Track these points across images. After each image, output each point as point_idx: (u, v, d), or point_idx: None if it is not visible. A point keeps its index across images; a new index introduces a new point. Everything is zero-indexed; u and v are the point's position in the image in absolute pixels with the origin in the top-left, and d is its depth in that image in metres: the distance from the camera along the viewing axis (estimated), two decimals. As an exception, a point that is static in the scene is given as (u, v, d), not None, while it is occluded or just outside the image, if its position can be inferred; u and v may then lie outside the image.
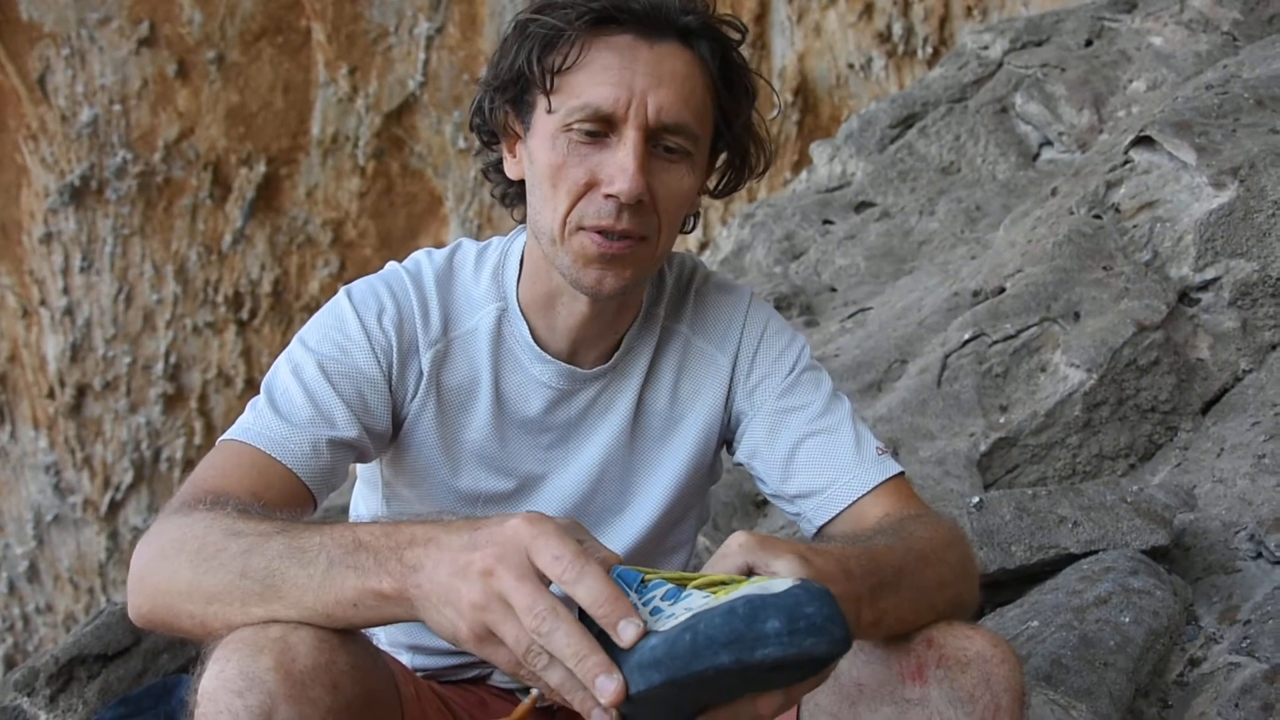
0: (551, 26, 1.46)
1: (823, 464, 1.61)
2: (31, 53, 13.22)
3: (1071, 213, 3.96)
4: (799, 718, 1.42)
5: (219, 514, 1.28)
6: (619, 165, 1.44)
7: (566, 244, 1.49)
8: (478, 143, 1.69)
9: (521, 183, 1.61)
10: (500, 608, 1.06)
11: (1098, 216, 3.87)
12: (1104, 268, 3.64)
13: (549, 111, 1.48)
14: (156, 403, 14.31)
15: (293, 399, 1.50)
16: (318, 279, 14.56)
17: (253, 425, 1.48)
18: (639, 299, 1.68)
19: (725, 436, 1.75)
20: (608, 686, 1.03)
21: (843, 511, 1.59)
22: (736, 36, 1.55)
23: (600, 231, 1.47)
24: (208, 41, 13.47)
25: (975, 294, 3.87)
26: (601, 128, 1.46)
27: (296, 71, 13.87)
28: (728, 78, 1.54)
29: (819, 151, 6.60)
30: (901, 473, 1.62)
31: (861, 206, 5.91)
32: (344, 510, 2.23)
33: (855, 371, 3.78)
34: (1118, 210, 3.84)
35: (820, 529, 1.62)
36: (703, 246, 10.17)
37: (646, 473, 1.71)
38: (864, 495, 1.58)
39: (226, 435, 1.49)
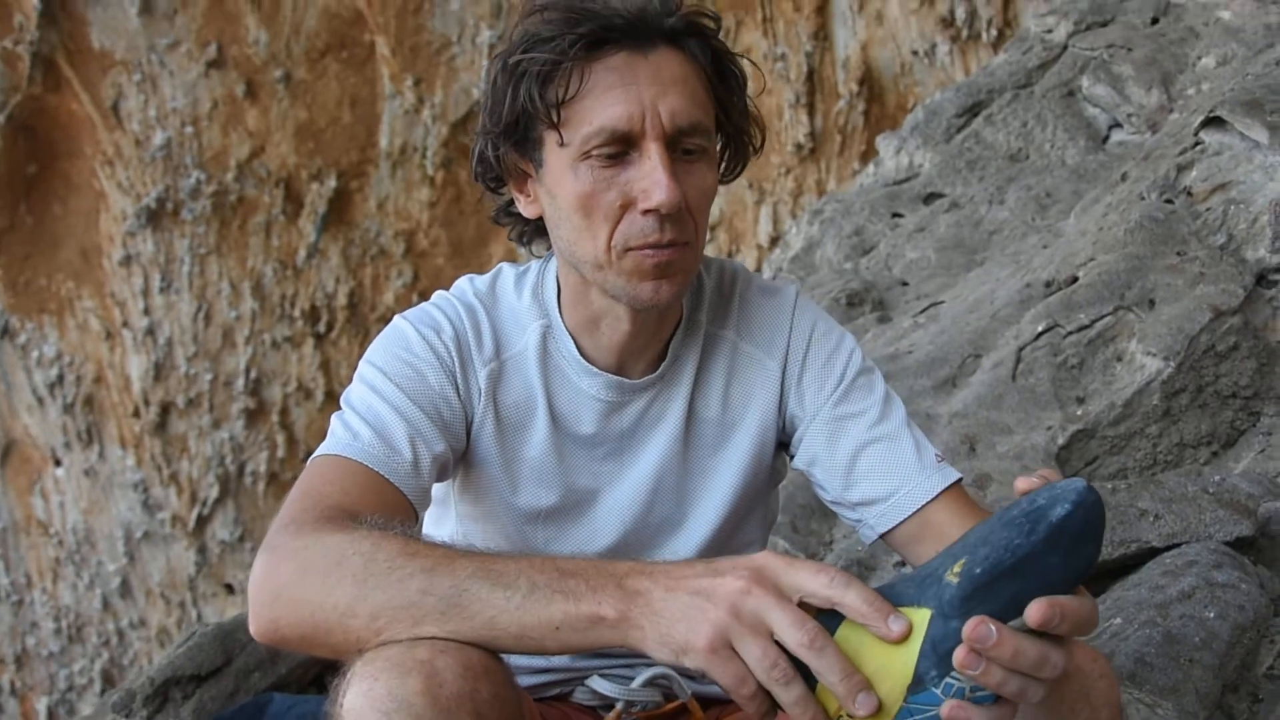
0: (545, 61, 1.47)
1: (885, 471, 1.62)
2: (104, 80, 13.44)
3: (1142, 198, 3.91)
4: None
5: (387, 534, 1.29)
6: (652, 180, 1.45)
7: (616, 266, 1.51)
8: (484, 189, 1.70)
9: (538, 219, 1.63)
10: (748, 626, 1.11)
11: (1169, 201, 3.82)
12: (1178, 253, 3.59)
13: (561, 145, 1.49)
14: (239, 418, 14.48)
15: (383, 419, 1.52)
16: (392, 290, 14.67)
17: (354, 443, 1.50)
18: (679, 306, 1.69)
19: (781, 440, 1.75)
20: (870, 701, 1.09)
21: (907, 519, 1.60)
22: (714, 26, 1.57)
23: (648, 247, 1.48)
24: (274, 61, 13.61)
25: (1048, 284, 3.84)
26: (620, 148, 1.47)
27: (362, 86, 13.98)
28: (719, 69, 1.56)
29: (885, 144, 6.56)
30: (960, 479, 1.64)
31: (930, 198, 5.86)
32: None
33: (929, 368, 3.76)
34: (1189, 194, 3.79)
35: (882, 535, 1.64)
36: (774, 243, 10.14)
37: (702, 481, 1.72)
38: (929, 502, 1.60)
39: (329, 450, 1.50)
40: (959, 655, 1.06)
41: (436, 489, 1.74)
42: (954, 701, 1.08)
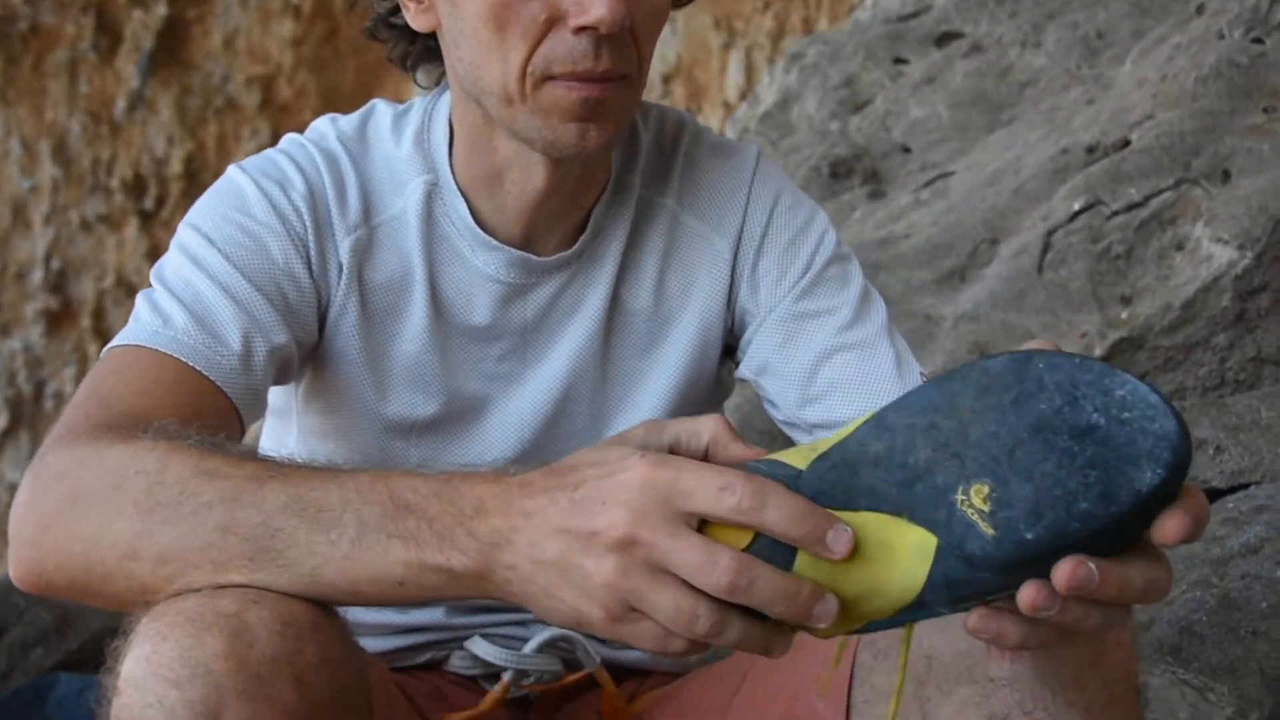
0: None
1: (854, 387, 1.62)
2: None
3: (1222, 36, 3.90)
4: (850, 697, 1.41)
5: (177, 445, 1.25)
6: None
7: (531, 100, 1.47)
8: None
9: (429, 36, 1.59)
10: (647, 578, 1.06)
11: (1258, 40, 3.81)
12: (1264, 110, 3.58)
13: None
14: (36, 322, 14.41)
15: (206, 299, 1.49)
16: (243, 153, 14.57)
17: (163, 329, 1.46)
18: (607, 163, 1.67)
19: (729, 342, 1.74)
20: (829, 608, 1.05)
21: None
22: None
23: (575, 78, 1.44)
24: None
25: (1090, 150, 3.83)
26: None
27: (203, -127, 13.83)
28: None
29: (888, -32, 6.53)
30: None
31: (944, 39, 5.84)
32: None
33: (931, 256, 3.76)
34: (1284, 32, 3.78)
35: None
36: (742, 97, 10.11)
37: (626, 389, 1.71)
38: None
39: (129, 340, 1.47)
40: (1029, 597, 1.00)
41: (274, 396, 1.71)
42: (983, 610, 1.05)
